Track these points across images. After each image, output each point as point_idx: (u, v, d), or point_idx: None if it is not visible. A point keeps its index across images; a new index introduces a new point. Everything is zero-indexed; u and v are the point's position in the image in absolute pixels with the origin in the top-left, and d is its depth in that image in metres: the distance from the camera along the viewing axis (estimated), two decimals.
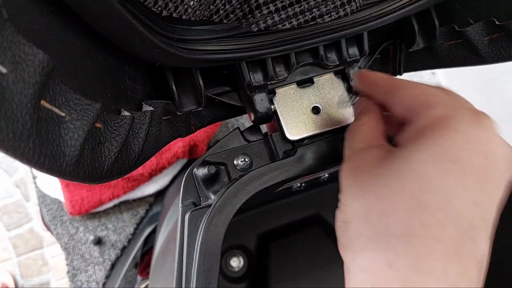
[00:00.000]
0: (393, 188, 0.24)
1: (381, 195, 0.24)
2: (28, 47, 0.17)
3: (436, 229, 0.22)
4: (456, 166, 0.23)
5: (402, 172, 0.24)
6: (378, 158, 0.26)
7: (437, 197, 0.22)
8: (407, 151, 0.25)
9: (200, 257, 0.29)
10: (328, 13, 0.30)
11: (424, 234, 0.22)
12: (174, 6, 0.23)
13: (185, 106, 0.33)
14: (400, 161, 0.24)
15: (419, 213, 0.22)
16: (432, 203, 0.22)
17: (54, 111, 0.19)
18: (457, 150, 0.23)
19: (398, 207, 0.23)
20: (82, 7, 0.20)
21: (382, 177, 0.25)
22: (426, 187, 0.23)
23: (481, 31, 0.36)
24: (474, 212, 0.22)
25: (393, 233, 0.23)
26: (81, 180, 0.21)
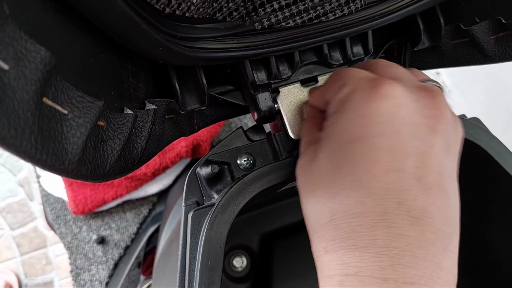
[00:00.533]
0: (316, 183, 0.26)
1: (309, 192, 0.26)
2: (30, 44, 0.17)
3: (355, 207, 0.23)
4: (356, 144, 0.24)
5: (320, 165, 0.26)
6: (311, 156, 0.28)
7: (348, 180, 0.24)
8: (322, 143, 0.27)
9: (203, 256, 0.29)
10: (332, 11, 0.30)
11: (345, 215, 0.23)
12: (177, 3, 0.23)
13: (188, 105, 0.33)
14: (318, 154, 0.27)
15: (337, 199, 0.24)
16: (345, 187, 0.24)
17: (57, 108, 0.19)
18: (354, 128, 0.24)
19: (321, 198, 0.25)
20: (84, 4, 0.20)
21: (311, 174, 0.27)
22: (336, 174, 0.24)
23: (487, 30, 0.35)
24: (391, 177, 0.23)
25: (323, 222, 0.25)
26: (84, 178, 0.21)
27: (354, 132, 0.24)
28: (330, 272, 0.23)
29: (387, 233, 0.22)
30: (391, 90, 0.24)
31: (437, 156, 0.23)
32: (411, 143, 0.23)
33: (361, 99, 0.25)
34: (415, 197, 0.22)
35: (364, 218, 0.23)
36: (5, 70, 0.16)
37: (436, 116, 0.24)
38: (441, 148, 0.24)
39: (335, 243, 0.23)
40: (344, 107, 0.26)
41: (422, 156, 0.23)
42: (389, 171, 0.23)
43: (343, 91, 0.27)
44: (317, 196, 0.25)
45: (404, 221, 0.22)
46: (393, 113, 0.24)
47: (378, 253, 0.22)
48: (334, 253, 0.23)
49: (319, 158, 0.26)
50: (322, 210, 0.25)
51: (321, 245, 0.24)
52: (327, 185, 0.25)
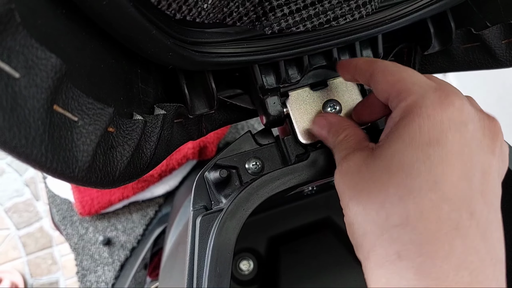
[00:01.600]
0: (383, 182, 0.25)
1: (374, 191, 0.25)
2: (41, 51, 0.17)
3: (432, 211, 0.22)
4: (434, 147, 0.24)
5: (387, 164, 0.25)
6: (363, 158, 0.27)
7: (424, 180, 0.23)
8: (387, 144, 0.26)
9: (211, 262, 0.28)
10: (343, 16, 0.29)
11: (421, 218, 0.23)
12: (188, 9, 0.23)
13: (197, 109, 0.33)
14: (383, 155, 0.26)
15: (412, 199, 0.23)
16: (421, 187, 0.23)
17: (67, 116, 0.19)
18: (430, 133, 0.24)
19: (391, 198, 0.24)
20: (95, 11, 0.19)
21: (370, 174, 0.26)
22: (411, 173, 0.24)
23: (498, 34, 0.35)
24: (463, 186, 0.23)
25: (394, 224, 0.23)
26: (93, 185, 0.21)
27: (430, 136, 0.24)
28: (403, 282, 0.22)
29: (463, 244, 0.22)
30: (461, 103, 0.25)
31: (493, 177, 0.24)
32: (477, 158, 0.24)
33: (433, 107, 0.25)
34: (482, 212, 0.23)
35: (442, 224, 0.22)
36: (16, 78, 0.16)
37: (494, 138, 0.25)
38: (496, 171, 0.25)
39: (413, 248, 0.22)
40: (415, 112, 0.25)
41: (484, 173, 0.24)
42: (462, 178, 0.23)
43: (410, 98, 0.26)
44: (384, 195, 0.24)
45: (475, 235, 0.22)
46: (464, 124, 0.24)
47: (458, 266, 0.21)
48: (411, 260, 0.22)
49: (386, 158, 0.25)
50: (393, 210, 0.24)
51: (392, 249, 0.23)
52: (400, 184, 0.24)
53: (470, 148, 0.24)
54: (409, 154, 0.24)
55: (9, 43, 0.15)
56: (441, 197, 0.23)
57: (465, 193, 0.23)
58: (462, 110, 0.24)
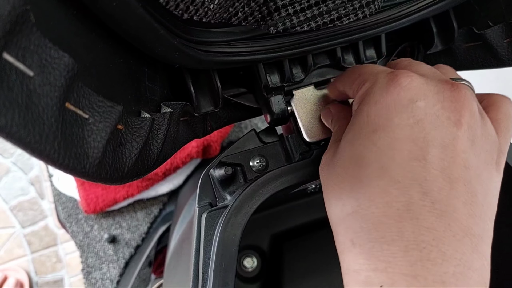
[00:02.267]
0: (340, 173, 0.26)
1: (335, 183, 0.26)
2: (54, 51, 0.17)
3: (380, 196, 0.23)
4: (379, 134, 0.24)
5: (342, 156, 0.26)
6: (333, 151, 0.28)
7: (372, 168, 0.24)
8: (344, 135, 0.27)
9: (217, 257, 0.29)
10: (347, 16, 0.30)
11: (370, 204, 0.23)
12: (195, 9, 0.24)
13: (202, 108, 0.34)
14: (340, 147, 0.27)
15: (362, 188, 0.24)
16: (369, 175, 0.24)
17: (78, 113, 0.19)
18: (376, 119, 0.24)
19: (346, 188, 0.25)
20: (105, 12, 0.20)
21: (334, 166, 0.27)
22: (361, 163, 0.24)
23: (500, 33, 0.35)
24: (414, 166, 0.23)
25: (348, 212, 0.24)
26: (103, 181, 0.21)
27: (376, 123, 0.24)
28: (356, 267, 0.23)
29: (414, 225, 0.21)
30: (409, 81, 0.24)
31: (461, 150, 0.23)
32: (433, 134, 0.23)
33: (380, 92, 0.25)
34: (440, 189, 0.22)
35: (389, 208, 0.22)
36: (30, 77, 0.16)
37: (458, 109, 0.24)
38: (466, 143, 0.23)
39: (362, 235, 0.23)
40: (365, 100, 0.26)
41: (446, 148, 0.23)
42: (412, 159, 0.23)
43: (364, 87, 0.27)
44: (341, 186, 0.25)
45: (429, 213, 0.21)
46: (412, 103, 0.24)
47: (406, 246, 0.21)
48: (361, 246, 0.23)
49: (342, 149, 0.26)
50: (347, 199, 0.24)
51: (347, 236, 0.24)
52: (351, 175, 0.25)
53: (423, 126, 0.23)
54: (358, 143, 0.25)
55: (24, 43, 0.16)
56: (389, 181, 0.23)
57: (417, 173, 0.22)
58: (409, 88, 0.24)
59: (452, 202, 0.22)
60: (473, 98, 0.25)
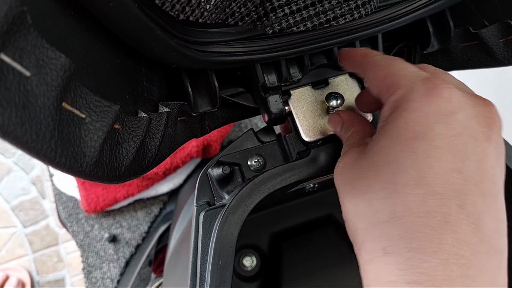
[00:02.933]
0: (370, 178, 0.25)
1: (363, 187, 0.25)
2: (51, 51, 0.18)
3: (419, 205, 0.22)
4: (419, 142, 0.23)
5: (374, 160, 0.25)
6: (357, 154, 0.28)
7: (409, 175, 0.23)
8: (376, 140, 0.26)
9: (214, 256, 0.29)
10: (343, 16, 0.30)
11: (408, 213, 0.22)
12: (191, 10, 0.24)
13: (200, 107, 0.34)
14: (371, 151, 0.26)
15: (398, 194, 0.23)
16: (407, 183, 0.23)
17: (75, 113, 0.20)
18: (416, 127, 0.24)
19: (379, 194, 0.24)
20: (102, 12, 0.20)
21: (360, 170, 0.26)
22: (397, 169, 0.24)
23: (496, 33, 0.35)
24: (454, 178, 0.22)
25: (382, 220, 0.23)
26: (100, 180, 0.22)
27: (415, 130, 0.24)
28: (391, 277, 0.22)
29: (454, 238, 0.21)
30: (450, 93, 0.24)
31: (491, 165, 0.23)
32: (470, 148, 0.23)
33: (420, 99, 0.25)
34: (474, 203, 0.22)
35: (430, 219, 0.22)
36: (27, 77, 0.17)
37: (490, 125, 0.24)
38: (494, 158, 0.24)
39: (401, 244, 0.22)
40: (402, 106, 0.25)
41: (480, 163, 0.23)
42: (450, 171, 0.22)
43: (398, 93, 0.26)
44: (372, 191, 0.25)
45: (466, 227, 0.21)
46: (452, 115, 0.24)
47: (447, 260, 0.21)
48: (398, 255, 0.22)
49: (373, 154, 0.26)
50: (381, 205, 0.24)
51: (380, 244, 0.23)
52: (386, 180, 0.24)
53: (462, 138, 0.23)
54: (395, 150, 0.24)
55: (21, 43, 0.16)
56: (428, 191, 0.22)
57: (456, 185, 0.22)
58: (450, 100, 0.24)
59: (483, 216, 0.22)
60: (499, 114, 0.25)
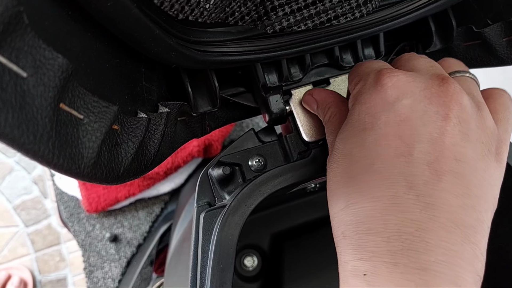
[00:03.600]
0: (334, 170, 0.27)
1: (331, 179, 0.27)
2: (48, 52, 0.17)
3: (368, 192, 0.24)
4: (368, 132, 0.25)
5: (336, 153, 0.27)
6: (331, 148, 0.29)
7: (361, 165, 0.25)
8: (339, 133, 0.28)
9: (214, 257, 0.29)
10: (344, 15, 0.30)
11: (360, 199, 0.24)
12: (190, 9, 0.24)
13: (200, 107, 0.34)
14: (335, 144, 0.28)
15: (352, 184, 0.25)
16: (359, 172, 0.25)
17: (73, 114, 0.19)
18: (365, 118, 0.25)
19: (339, 184, 0.26)
20: (100, 12, 0.20)
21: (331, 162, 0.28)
22: (351, 160, 0.26)
23: (499, 32, 0.35)
24: (400, 162, 0.23)
25: (340, 208, 0.25)
26: (98, 181, 0.21)
27: (365, 121, 0.25)
28: (346, 257, 0.24)
29: (398, 217, 0.22)
30: (395, 80, 0.25)
31: (451, 143, 0.23)
32: (420, 130, 0.24)
33: (369, 91, 0.26)
34: (426, 182, 0.22)
35: (377, 203, 0.23)
36: (24, 78, 0.17)
37: (447, 103, 0.24)
38: (457, 136, 0.24)
39: (351, 228, 0.24)
40: (357, 100, 0.27)
41: (434, 142, 0.23)
42: (398, 155, 0.23)
43: (358, 86, 0.28)
44: (335, 183, 0.26)
45: (414, 206, 0.22)
46: (398, 101, 0.25)
47: (389, 237, 0.22)
48: (350, 237, 0.24)
49: (336, 147, 0.27)
50: (340, 195, 0.26)
51: (339, 230, 0.25)
52: (343, 171, 0.26)
53: (409, 122, 0.24)
54: (350, 142, 0.26)
55: (18, 44, 0.16)
56: (376, 177, 0.24)
57: (403, 168, 0.23)
58: (395, 87, 0.25)
59: (440, 194, 0.22)
60: (463, 91, 0.25)
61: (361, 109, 0.26)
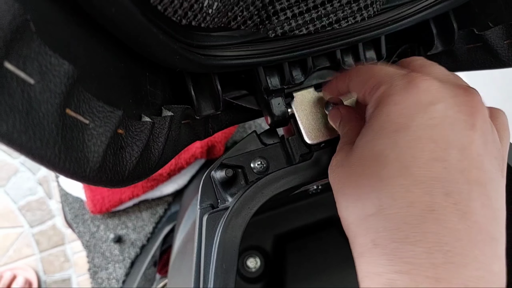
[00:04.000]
0: (358, 173, 0.26)
1: (352, 183, 0.26)
2: (54, 58, 0.18)
3: (403, 196, 0.23)
4: (401, 133, 0.24)
5: (360, 156, 0.26)
6: (346, 152, 0.28)
7: (394, 167, 0.24)
8: (361, 136, 0.27)
9: (217, 259, 0.29)
10: (345, 19, 0.30)
11: (394, 204, 0.23)
12: (193, 15, 0.24)
13: (203, 111, 0.34)
14: (358, 146, 0.26)
15: (384, 187, 0.24)
16: (391, 174, 0.23)
17: (79, 119, 0.20)
18: (398, 119, 0.24)
19: (366, 188, 0.25)
20: (105, 18, 0.20)
21: (348, 167, 0.27)
22: (382, 162, 0.24)
23: (500, 34, 0.35)
24: (437, 167, 0.23)
25: (369, 213, 0.24)
26: (104, 184, 0.22)
27: (397, 123, 0.24)
28: (379, 269, 0.23)
29: (438, 226, 0.21)
30: (428, 84, 0.25)
31: (476, 153, 0.23)
32: (452, 136, 0.23)
33: (400, 93, 0.25)
34: (461, 190, 0.22)
35: (413, 209, 0.22)
36: (31, 84, 0.17)
37: (473, 113, 0.24)
38: (480, 146, 0.23)
39: (385, 235, 0.23)
40: (384, 101, 0.26)
41: (464, 150, 0.23)
42: (434, 159, 0.23)
43: (380, 90, 0.27)
44: (360, 186, 0.25)
45: (452, 214, 0.21)
46: (432, 105, 0.24)
47: (430, 248, 0.21)
48: (385, 247, 0.23)
49: (361, 148, 0.26)
50: (368, 199, 0.24)
51: (368, 237, 0.24)
52: (372, 173, 0.25)
53: (443, 127, 0.23)
54: (379, 143, 0.25)
55: (25, 51, 0.16)
56: (412, 181, 0.23)
57: (439, 174, 0.22)
58: (428, 91, 0.24)
59: (472, 204, 0.22)
60: (483, 102, 0.25)
61: (391, 110, 0.25)
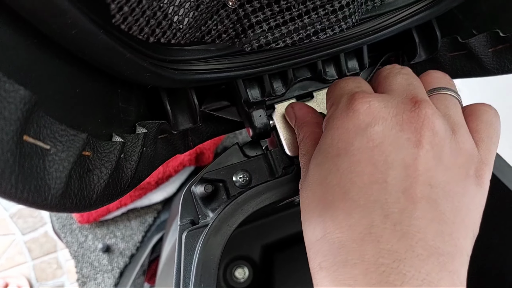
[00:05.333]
0: (310, 197, 0.26)
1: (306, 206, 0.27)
2: (8, 84, 0.17)
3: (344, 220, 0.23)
4: (342, 158, 0.24)
5: (311, 179, 0.26)
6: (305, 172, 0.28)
7: (336, 192, 0.24)
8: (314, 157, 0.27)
9: (196, 278, 0.29)
10: (324, 30, 0.29)
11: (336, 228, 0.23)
12: (162, 32, 0.23)
13: (180, 125, 0.33)
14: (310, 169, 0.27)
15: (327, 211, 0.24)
16: (334, 199, 0.24)
17: (38, 145, 0.19)
18: (339, 144, 0.25)
19: (315, 212, 0.25)
20: (65, 40, 0.20)
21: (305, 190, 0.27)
22: (326, 186, 0.25)
23: (484, 42, 0.35)
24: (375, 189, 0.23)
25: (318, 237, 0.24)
26: (68, 210, 0.21)
27: (338, 148, 0.25)
28: None
29: (375, 248, 0.21)
30: (367, 106, 0.25)
31: (425, 169, 0.23)
32: (392, 156, 0.23)
33: (340, 117, 0.26)
34: (402, 210, 0.22)
35: (352, 232, 0.22)
36: None
37: (418, 130, 0.24)
38: (430, 162, 0.23)
39: (328, 259, 0.23)
40: (329, 124, 0.26)
41: (407, 169, 0.23)
42: (372, 182, 0.23)
43: (331, 110, 0.28)
44: (310, 211, 0.26)
45: (391, 236, 0.21)
46: (370, 127, 0.24)
47: (366, 269, 0.21)
48: (327, 269, 0.23)
49: (311, 173, 0.27)
50: (315, 224, 0.25)
51: (316, 261, 0.24)
52: (318, 199, 0.25)
53: (381, 148, 0.23)
54: (324, 168, 0.25)
55: None
56: (352, 205, 0.23)
57: (378, 196, 0.22)
58: (367, 113, 0.25)
59: (416, 222, 0.22)
60: (436, 115, 0.24)
61: (334, 134, 0.25)
